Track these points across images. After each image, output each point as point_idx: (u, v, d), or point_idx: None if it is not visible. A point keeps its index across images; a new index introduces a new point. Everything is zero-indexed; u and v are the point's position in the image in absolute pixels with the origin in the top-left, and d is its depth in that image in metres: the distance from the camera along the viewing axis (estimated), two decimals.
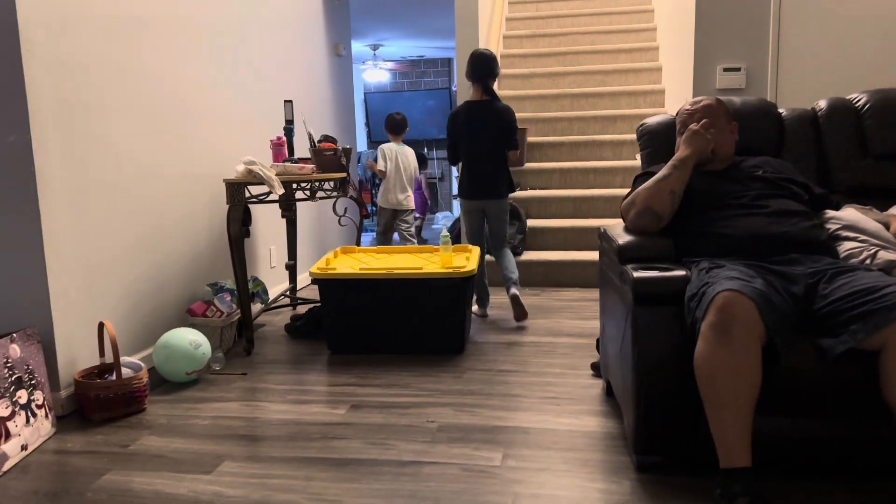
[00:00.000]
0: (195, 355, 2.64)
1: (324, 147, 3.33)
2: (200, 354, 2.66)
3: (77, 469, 1.97)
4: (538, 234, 4.69)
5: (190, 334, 2.67)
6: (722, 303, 1.57)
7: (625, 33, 6.32)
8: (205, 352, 2.68)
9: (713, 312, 1.58)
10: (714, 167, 2.14)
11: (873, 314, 1.54)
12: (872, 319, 1.54)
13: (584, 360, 2.82)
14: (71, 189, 2.43)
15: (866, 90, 2.38)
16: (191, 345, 2.63)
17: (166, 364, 2.62)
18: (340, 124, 5.26)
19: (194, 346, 2.64)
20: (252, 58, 3.78)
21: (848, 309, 1.59)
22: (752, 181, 2.06)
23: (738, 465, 1.55)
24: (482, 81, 3.52)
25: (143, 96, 2.83)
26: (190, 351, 2.62)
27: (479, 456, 1.98)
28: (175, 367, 2.62)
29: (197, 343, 2.66)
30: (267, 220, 4.02)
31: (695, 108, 2.16)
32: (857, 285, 1.62)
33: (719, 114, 2.14)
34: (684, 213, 2.04)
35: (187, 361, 2.63)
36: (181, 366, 2.62)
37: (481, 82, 3.53)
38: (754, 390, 1.56)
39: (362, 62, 9.93)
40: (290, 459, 1.99)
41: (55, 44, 2.35)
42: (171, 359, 2.61)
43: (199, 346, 2.66)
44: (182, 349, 2.62)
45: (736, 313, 1.55)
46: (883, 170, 2.29)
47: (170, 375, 2.65)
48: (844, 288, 1.64)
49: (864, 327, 1.54)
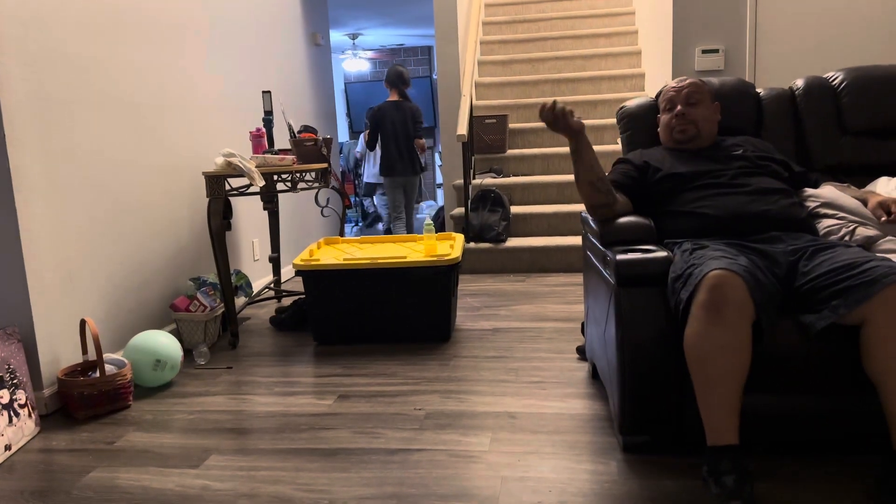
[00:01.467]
0: (163, 376, 2.53)
1: (304, 137, 3.30)
2: (169, 370, 2.54)
3: (63, 467, 1.96)
4: (522, 221, 4.70)
5: (152, 351, 2.52)
6: (713, 282, 1.57)
7: (604, 17, 6.32)
8: (173, 365, 2.55)
9: (704, 291, 1.58)
10: (698, 144, 2.15)
11: (854, 289, 1.56)
12: (853, 294, 1.55)
13: (570, 343, 2.84)
14: (48, 185, 2.39)
15: (842, 68, 2.39)
16: (154, 369, 2.51)
17: (139, 380, 2.55)
18: (320, 114, 5.22)
19: (159, 369, 2.52)
20: (229, 49, 3.74)
21: (829, 285, 1.61)
22: (732, 160, 2.07)
23: (726, 442, 1.56)
24: (397, 87, 5.17)
25: (121, 90, 2.79)
26: (155, 374, 2.52)
27: (466, 442, 1.98)
28: (147, 382, 2.55)
29: (161, 364, 2.52)
30: (249, 212, 3.99)
31: (681, 86, 2.17)
32: (838, 261, 1.64)
33: (704, 92, 2.17)
34: (665, 193, 2.05)
35: (154, 379, 2.54)
36: (153, 382, 2.55)
37: (396, 88, 5.17)
38: (745, 368, 1.57)
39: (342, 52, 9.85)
40: (277, 451, 1.99)
41: (29, 38, 2.31)
42: (140, 377, 2.53)
43: (165, 364, 2.53)
44: (146, 373, 2.52)
45: (727, 292, 1.56)
46: (860, 146, 2.31)
47: (147, 383, 2.56)
48: (825, 265, 1.65)
49: (845, 302, 1.56)
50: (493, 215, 4.57)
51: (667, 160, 2.12)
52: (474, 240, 4.55)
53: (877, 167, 2.29)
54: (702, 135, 2.13)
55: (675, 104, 2.17)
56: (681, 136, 2.14)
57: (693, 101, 2.14)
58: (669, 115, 2.18)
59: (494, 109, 5.63)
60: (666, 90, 2.22)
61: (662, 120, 2.22)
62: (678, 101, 2.16)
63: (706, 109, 2.15)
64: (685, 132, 2.13)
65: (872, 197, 2.00)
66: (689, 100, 2.14)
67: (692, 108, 2.14)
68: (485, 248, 4.44)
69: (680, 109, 2.14)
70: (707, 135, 2.15)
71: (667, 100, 2.20)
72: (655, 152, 2.18)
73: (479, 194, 4.68)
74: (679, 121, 2.14)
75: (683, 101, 2.15)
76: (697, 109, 2.14)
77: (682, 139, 2.14)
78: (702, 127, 2.13)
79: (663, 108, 2.22)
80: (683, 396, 1.74)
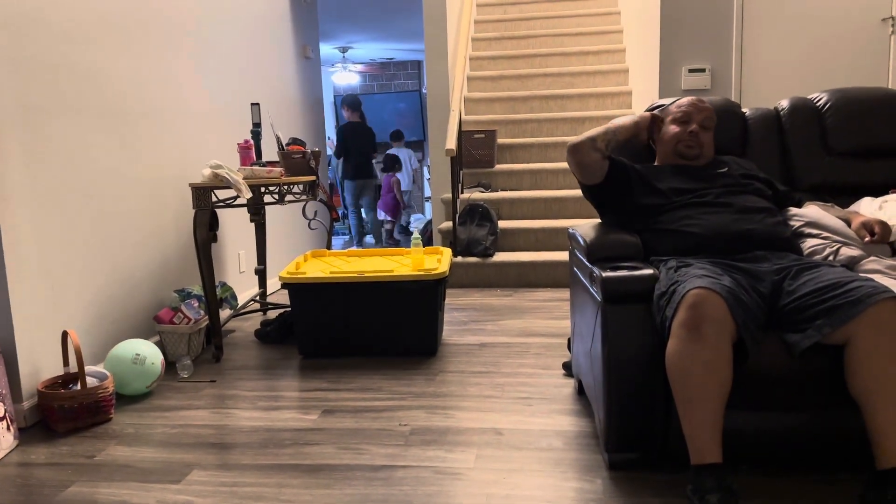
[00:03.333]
0: (144, 371, 2.53)
1: (292, 150, 3.30)
2: (150, 365, 2.54)
3: (41, 481, 1.92)
4: (509, 235, 4.71)
5: (131, 349, 2.54)
6: (692, 301, 1.58)
7: (592, 35, 6.38)
8: (153, 361, 2.55)
9: (684, 310, 1.59)
10: (694, 164, 2.19)
11: (838, 309, 1.57)
12: (837, 314, 1.56)
13: (557, 359, 2.84)
14: (32, 195, 2.37)
15: (826, 89, 2.43)
16: (134, 361, 2.51)
17: (121, 385, 2.52)
18: (309, 127, 5.22)
19: (139, 362, 2.51)
20: (218, 60, 3.74)
21: (813, 304, 1.62)
22: (717, 178, 2.09)
23: (709, 461, 1.56)
24: (357, 111, 7.24)
25: (107, 99, 2.78)
26: (135, 369, 2.51)
27: (452, 458, 1.97)
28: (130, 385, 2.53)
29: (141, 357, 2.52)
30: (236, 224, 3.97)
31: (702, 106, 2.21)
32: (822, 281, 1.65)
33: (715, 120, 2.23)
34: (652, 208, 2.07)
35: (136, 376, 2.52)
36: (135, 382, 2.53)
37: (357, 111, 7.23)
38: (725, 387, 1.57)
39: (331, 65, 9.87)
40: (261, 467, 1.97)
41: (15, 45, 2.30)
42: (122, 379, 2.51)
43: (145, 359, 2.53)
44: (126, 367, 2.51)
45: (706, 311, 1.57)
46: (844, 167, 2.34)
47: (130, 392, 2.55)
48: (809, 284, 1.67)
49: (829, 321, 1.57)
50: (480, 230, 4.58)
51: (659, 175, 2.14)
52: (462, 254, 4.55)
53: (860, 188, 2.32)
54: (701, 159, 2.19)
55: (691, 121, 2.19)
56: (687, 151, 2.18)
57: (707, 126, 2.20)
58: (682, 128, 2.19)
59: (483, 124, 5.66)
60: (683, 103, 2.22)
61: (671, 130, 2.21)
62: (695, 120, 2.19)
63: (712, 138, 2.22)
64: (691, 149, 2.18)
65: (855, 217, 2.03)
66: (705, 123, 2.20)
67: (704, 132, 2.19)
68: (472, 262, 4.44)
69: (695, 128, 2.17)
70: (704, 160, 2.21)
71: (683, 112, 2.20)
72: (648, 166, 2.21)
73: (467, 209, 4.69)
74: (691, 137, 2.17)
75: (700, 122, 2.19)
76: (708, 135, 2.20)
77: (686, 154, 2.18)
78: (705, 152, 2.19)
79: (675, 118, 2.21)
80: (669, 414, 1.74)
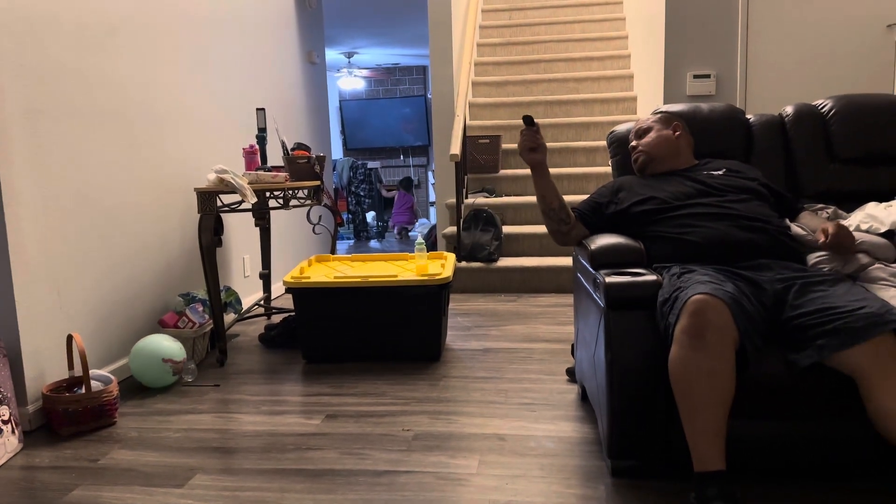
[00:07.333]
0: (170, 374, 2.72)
1: (297, 155, 3.31)
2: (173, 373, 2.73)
3: (45, 485, 1.93)
4: (514, 241, 4.71)
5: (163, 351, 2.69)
6: (695, 307, 1.58)
7: (597, 41, 6.38)
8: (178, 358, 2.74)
9: (686, 316, 1.59)
10: (666, 167, 2.22)
11: (841, 332, 1.55)
12: (839, 337, 1.55)
13: (560, 365, 2.83)
14: (38, 199, 2.38)
15: (831, 96, 2.42)
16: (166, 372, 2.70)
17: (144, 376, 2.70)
18: (314, 132, 5.24)
19: (171, 373, 2.71)
20: (224, 66, 3.75)
21: (817, 324, 1.60)
22: (720, 185, 2.09)
23: (713, 468, 1.55)
24: None
25: (113, 105, 2.79)
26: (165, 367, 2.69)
27: (454, 464, 1.97)
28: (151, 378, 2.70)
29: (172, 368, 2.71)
30: (240, 229, 3.98)
31: (637, 125, 2.33)
32: (829, 301, 1.63)
33: (654, 120, 2.30)
34: (650, 214, 2.07)
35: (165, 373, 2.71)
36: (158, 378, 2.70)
37: None
38: (728, 394, 1.56)
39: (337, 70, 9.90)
40: (263, 471, 1.97)
41: (22, 51, 2.31)
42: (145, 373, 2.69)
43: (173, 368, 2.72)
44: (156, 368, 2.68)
45: (709, 317, 1.56)
46: (849, 174, 2.33)
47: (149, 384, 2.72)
48: (816, 302, 1.65)
49: (830, 343, 1.56)
50: (485, 235, 4.58)
51: (647, 186, 2.16)
52: (466, 259, 4.55)
53: (865, 194, 2.31)
54: (655, 157, 2.24)
55: (630, 141, 2.33)
56: (635, 166, 2.30)
57: (641, 133, 2.29)
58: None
59: (488, 130, 5.66)
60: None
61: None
62: (632, 138, 2.33)
63: (655, 133, 2.26)
64: (637, 161, 2.29)
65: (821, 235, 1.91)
66: (639, 133, 2.31)
67: (640, 139, 2.29)
68: (476, 267, 4.44)
69: (633, 144, 2.30)
70: (665, 155, 2.23)
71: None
72: (637, 179, 2.25)
73: (471, 214, 4.69)
74: (632, 153, 2.30)
75: (634, 136, 2.32)
76: (645, 138, 2.27)
77: (637, 168, 2.29)
78: (651, 150, 2.24)
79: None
80: (672, 421, 1.73)
